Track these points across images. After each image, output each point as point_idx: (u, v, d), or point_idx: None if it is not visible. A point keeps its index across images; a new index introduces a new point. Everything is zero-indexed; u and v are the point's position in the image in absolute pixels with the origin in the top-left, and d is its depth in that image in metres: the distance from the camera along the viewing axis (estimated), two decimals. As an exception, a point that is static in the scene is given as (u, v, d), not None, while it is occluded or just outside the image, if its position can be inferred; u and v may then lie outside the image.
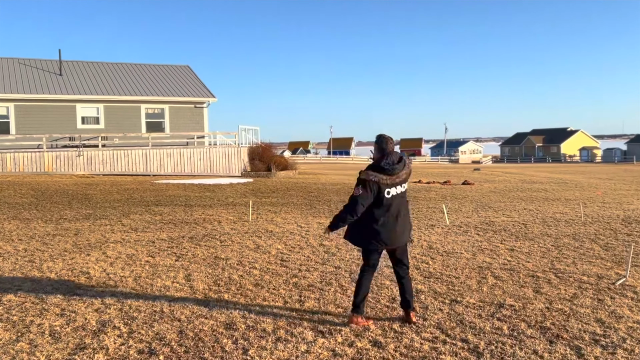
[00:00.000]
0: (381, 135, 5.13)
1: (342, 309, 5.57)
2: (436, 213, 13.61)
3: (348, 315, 5.23)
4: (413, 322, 5.16)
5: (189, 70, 32.65)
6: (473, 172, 38.72)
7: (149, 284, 6.41)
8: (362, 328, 5.00)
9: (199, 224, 11.31)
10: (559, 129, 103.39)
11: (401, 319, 5.25)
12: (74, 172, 23.56)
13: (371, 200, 4.92)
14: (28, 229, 10.34)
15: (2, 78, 26.03)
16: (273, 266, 7.44)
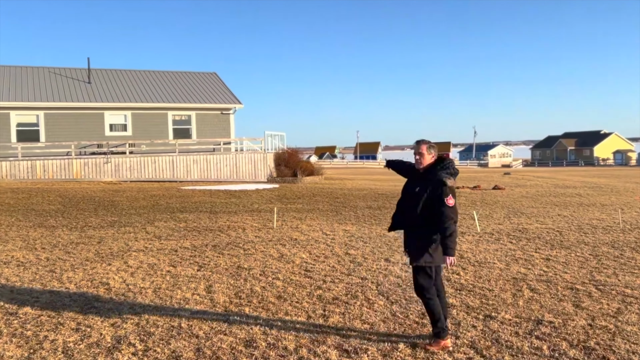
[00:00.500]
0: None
1: (368, 325, 5.26)
2: (466, 220, 13.18)
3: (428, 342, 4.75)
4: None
5: (215, 77, 32.75)
6: (503, 176, 37.89)
7: (169, 295, 6.21)
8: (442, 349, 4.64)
9: (223, 232, 11.13)
10: (592, 132, 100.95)
11: (431, 337, 4.92)
12: (101, 179, 23.75)
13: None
14: (52, 237, 10.30)
15: (33, 87, 26.46)
16: (297, 277, 7.18)
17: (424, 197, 4.54)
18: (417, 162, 4.72)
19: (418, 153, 4.70)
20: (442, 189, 4.50)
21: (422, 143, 4.73)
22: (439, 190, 4.51)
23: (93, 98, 26.45)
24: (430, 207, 4.52)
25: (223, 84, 31.65)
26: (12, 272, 7.24)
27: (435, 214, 4.50)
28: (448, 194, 4.52)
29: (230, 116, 29.03)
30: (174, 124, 27.94)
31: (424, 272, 4.67)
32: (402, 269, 7.68)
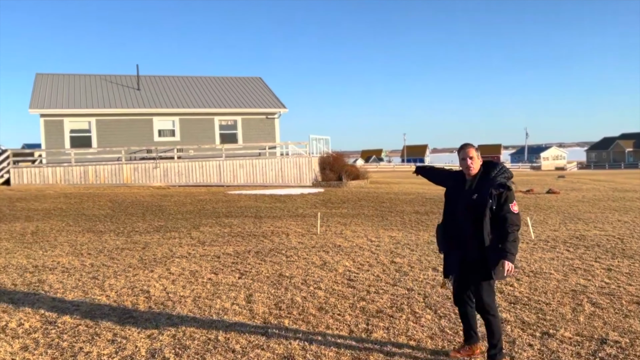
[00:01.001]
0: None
1: (414, 342, 4.94)
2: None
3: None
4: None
5: (260, 81, 32.93)
6: (557, 179, 36.49)
7: (208, 305, 6.06)
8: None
9: (266, 237, 10.99)
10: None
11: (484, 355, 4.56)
12: (151, 184, 24.18)
13: None
14: (99, 242, 10.40)
15: (85, 94, 27.27)
16: (339, 287, 6.91)
17: (489, 204, 4.16)
18: (468, 167, 4.34)
19: (468, 157, 4.33)
20: (507, 195, 4.20)
21: (470, 146, 4.39)
22: (503, 196, 4.19)
23: (142, 104, 27.02)
24: (494, 215, 4.18)
25: (268, 88, 31.79)
26: (56, 279, 7.28)
27: (498, 221, 4.17)
28: (513, 199, 4.24)
29: (275, 120, 29.09)
30: (221, 129, 28.22)
31: (490, 286, 4.32)
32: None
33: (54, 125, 25.21)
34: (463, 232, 4.29)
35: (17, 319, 5.48)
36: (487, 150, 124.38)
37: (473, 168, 4.33)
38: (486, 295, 4.30)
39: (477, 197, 4.22)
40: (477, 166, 4.35)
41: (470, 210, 4.23)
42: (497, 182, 4.19)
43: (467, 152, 4.36)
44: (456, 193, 4.45)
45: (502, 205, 4.17)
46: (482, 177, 4.32)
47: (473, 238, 4.22)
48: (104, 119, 26.08)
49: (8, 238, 10.74)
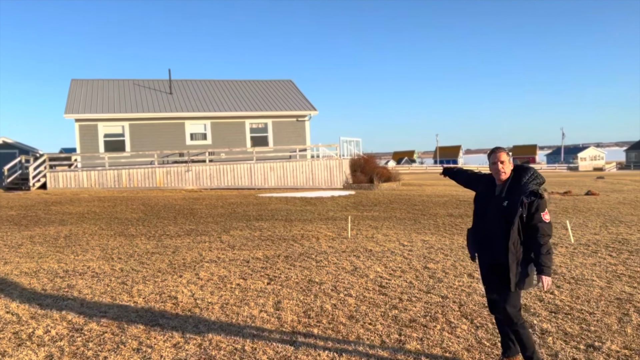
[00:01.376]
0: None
1: (450, 354, 4.69)
2: (558, 229, 12.13)
3: None
4: None
5: (291, 84, 32.92)
6: (596, 180, 35.42)
7: (236, 312, 5.93)
8: None
9: (296, 241, 10.84)
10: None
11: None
12: (183, 187, 24.36)
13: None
14: (130, 246, 10.42)
15: (119, 99, 27.69)
16: (370, 293, 6.69)
17: (519, 213, 3.98)
18: (499, 172, 4.15)
19: (499, 162, 4.14)
20: (538, 203, 3.99)
21: (501, 150, 4.20)
22: (534, 204, 3.99)
23: (174, 108, 27.28)
24: (525, 224, 4.01)
25: (298, 90, 31.74)
26: (86, 284, 7.26)
27: (529, 230, 3.99)
28: (544, 207, 4.03)
29: (306, 123, 29.00)
30: (252, 132, 28.29)
31: (515, 295, 4.12)
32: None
33: (88, 130, 25.66)
34: (491, 238, 4.14)
35: (44, 326, 5.44)
36: (522, 151, 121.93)
37: (504, 173, 4.14)
38: (510, 306, 4.10)
39: (508, 204, 4.04)
40: (508, 171, 4.16)
41: (500, 217, 4.07)
42: (529, 190, 3.99)
43: (498, 156, 4.17)
44: (486, 198, 4.27)
45: (534, 214, 3.98)
46: (513, 183, 4.12)
47: (500, 245, 4.06)
48: (137, 123, 26.43)
49: (42, 242, 10.86)
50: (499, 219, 4.06)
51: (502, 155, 4.16)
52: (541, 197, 3.98)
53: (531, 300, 6.29)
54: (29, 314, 5.85)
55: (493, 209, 4.14)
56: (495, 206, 4.12)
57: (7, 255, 9.45)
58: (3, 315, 5.80)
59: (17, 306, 6.15)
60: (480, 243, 4.27)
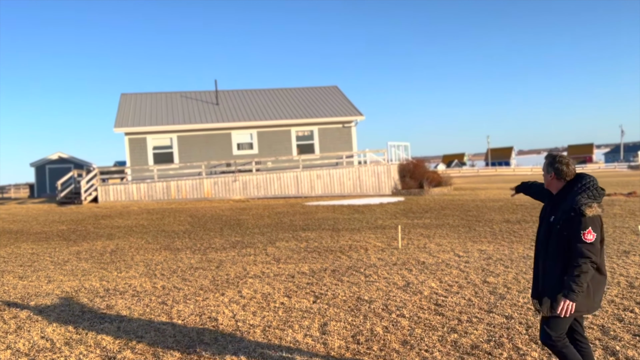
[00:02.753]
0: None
1: (521, 390, 4.07)
2: (627, 234, 11.16)
3: None
4: None
5: (337, 90, 32.52)
6: (663, 179, 33.32)
7: (278, 336, 5.47)
8: None
9: (344, 253, 10.34)
10: None
11: None
12: (230, 197, 24.30)
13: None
14: (174, 261, 10.18)
15: (167, 111, 28.00)
16: (425, 313, 6.11)
17: (559, 229, 3.56)
18: (545, 182, 3.87)
19: (543, 169, 3.83)
20: (579, 220, 3.46)
21: (547, 157, 3.83)
22: (575, 220, 3.48)
23: (221, 119, 27.34)
24: (567, 242, 3.55)
25: (344, 96, 31.29)
26: (125, 304, 6.99)
27: (569, 250, 3.53)
28: (588, 226, 3.46)
29: (352, 129, 28.51)
30: (297, 140, 28.02)
31: (556, 320, 3.65)
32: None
33: (137, 143, 26.02)
34: (546, 256, 3.70)
35: (77, 354, 5.14)
36: (577, 150, 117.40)
37: (548, 184, 3.82)
38: (550, 329, 3.67)
39: (553, 219, 3.66)
40: (552, 183, 3.79)
41: (546, 232, 3.71)
42: (572, 204, 3.52)
43: (544, 165, 3.84)
44: (542, 211, 3.87)
45: (574, 232, 3.48)
46: (564, 193, 3.69)
47: (543, 264, 3.71)
48: (185, 134, 26.62)
49: (87, 258, 10.78)
50: (544, 237, 3.72)
51: (545, 164, 3.83)
52: (583, 214, 3.45)
53: (609, 321, 5.57)
54: (64, 340, 5.58)
55: (543, 224, 3.78)
56: (546, 221, 3.75)
57: (52, 272, 9.36)
58: (37, 342, 5.55)
59: (52, 330, 5.90)
60: (535, 261, 3.86)
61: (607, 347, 4.85)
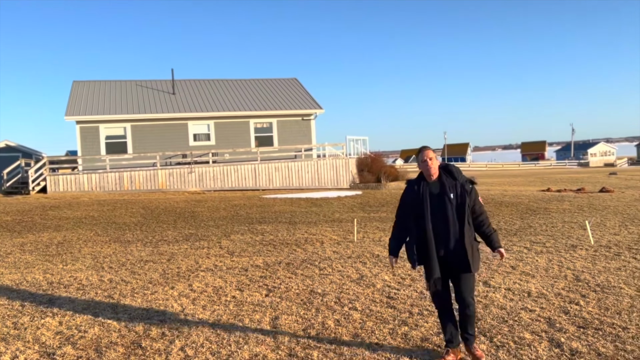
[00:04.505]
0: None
1: (468, 383, 4.09)
2: (575, 229, 11.49)
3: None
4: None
5: (296, 82, 32.33)
6: (609, 176, 34.60)
7: (227, 330, 5.35)
8: None
9: (299, 246, 10.27)
10: None
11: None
12: (186, 189, 23.85)
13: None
14: (124, 253, 9.89)
15: (121, 100, 27.22)
16: (378, 306, 6.10)
17: (467, 201, 4.32)
18: (430, 168, 4.36)
19: (429, 158, 4.37)
20: (473, 189, 4.40)
21: (428, 148, 4.44)
22: (472, 191, 4.39)
23: (177, 109, 26.77)
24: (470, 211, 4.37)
25: (303, 89, 31.14)
26: (69, 299, 6.72)
27: (474, 215, 4.40)
28: (477, 193, 4.46)
29: (311, 122, 28.41)
30: (256, 132, 27.72)
31: (474, 279, 4.48)
32: (505, 296, 6.38)
33: (89, 132, 25.20)
34: (445, 232, 4.30)
35: (12, 350, 4.89)
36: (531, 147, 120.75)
37: (434, 169, 4.38)
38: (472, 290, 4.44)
39: (455, 197, 4.33)
40: (436, 167, 4.40)
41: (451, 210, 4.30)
42: (465, 180, 4.40)
43: (426, 154, 4.38)
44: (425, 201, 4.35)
45: (475, 199, 4.42)
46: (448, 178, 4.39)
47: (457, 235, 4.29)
48: (139, 124, 25.93)
49: (32, 250, 10.35)
50: (451, 212, 4.27)
51: (429, 153, 4.37)
52: (474, 183, 4.41)
53: (555, 313, 5.68)
54: (0, 335, 5.30)
55: (439, 205, 4.30)
56: (442, 202, 4.29)
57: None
58: (-29, 337, 5.26)
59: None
60: (434, 243, 4.31)
61: (552, 339, 4.94)
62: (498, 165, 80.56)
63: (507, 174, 51.08)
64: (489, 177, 40.98)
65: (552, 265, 8.04)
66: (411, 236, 4.42)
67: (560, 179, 34.42)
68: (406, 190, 4.52)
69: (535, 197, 18.85)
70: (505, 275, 7.44)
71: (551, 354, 4.59)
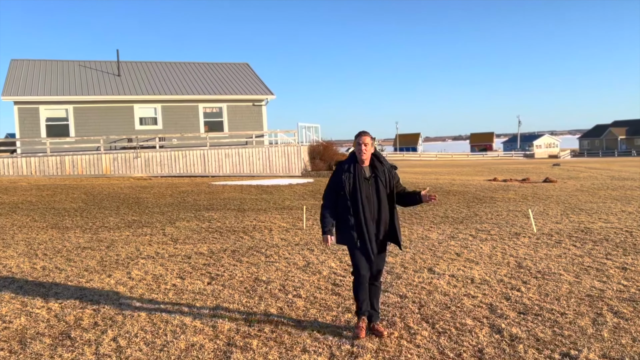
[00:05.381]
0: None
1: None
2: (519, 218, 11.74)
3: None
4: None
5: (247, 67, 31.81)
6: (552, 167, 35.79)
7: (165, 320, 5.12)
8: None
9: (247, 233, 10.07)
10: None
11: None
12: (131, 175, 23.13)
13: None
14: (61, 240, 9.43)
15: (62, 80, 26.05)
16: (322, 293, 6.00)
17: (393, 183, 4.69)
18: (363, 153, 4.61)
19: (364, 144, 4.61)
20: (396, 174, 4.80)
21: (367, 134, 4.66)
22: (396, 174, 4.81)
23: (122, 91, 25.86)
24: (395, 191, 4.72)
25: (255, 74, 30.68)
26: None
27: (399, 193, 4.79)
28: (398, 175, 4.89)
29: (263, 108, 28.04)
30: (205, 117, 27.13)
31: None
32: (449, 283, 6.40)
33: (28, 113, 24.02)
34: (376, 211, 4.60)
35: None
36: (479, 138, 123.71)
37: (366, 154, 4.62)
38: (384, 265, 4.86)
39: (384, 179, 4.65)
40: (369, 153, 4.65)
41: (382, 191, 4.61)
42: (390, 165, 4.77)
43: (364, 139, 4.61)
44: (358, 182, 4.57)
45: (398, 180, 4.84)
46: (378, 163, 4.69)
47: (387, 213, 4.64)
48: (82, 106, 24.90)
49: (-40, 236, 9.74)
50: (383, 195, 4.60)
51: (366, 138, 4.61)
52: (396, 167, 4.84)
53: (497, 299, 5.73)
54: None
55: (372, 189, 4.59)
56: (375, 186, 4.60)
57: None
58: None
59: None
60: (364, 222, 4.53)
61: (493, 325, 4.96)
62: (448, 156, 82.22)
63: (456, 164, 52.18)
64: (439, 167, 41.74)
65: (495, 252, 8.16)
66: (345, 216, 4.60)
67: (507, 169, 35.35)
68: (337, 171, 4.68)
69: (482, 187, 19.24)
70: (449, 262, 7.49)
71: (491, 339, 4.60)
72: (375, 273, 4.72)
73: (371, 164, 4.67)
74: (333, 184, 4.67)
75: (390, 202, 4.63)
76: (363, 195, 4.53)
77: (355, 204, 4.55)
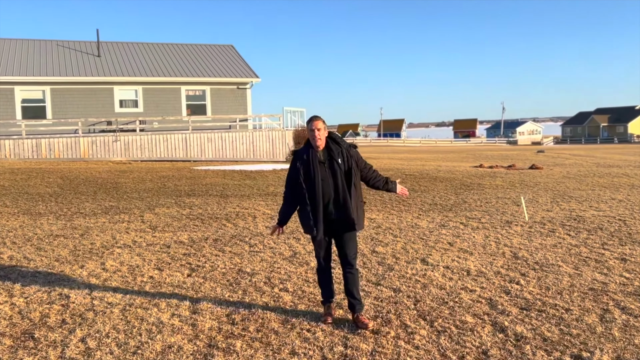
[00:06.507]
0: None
1: (409, 376, 3.67)
2: (509, 205, 11.46)
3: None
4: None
5: (232, 49, 31.08)
6: (537, 154, 35.76)
7: (139, 317, 4.70)
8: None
9: (230, 220, 9.63)
10: (626, 108, 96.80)
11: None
12: (110, 159, 22.47)
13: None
14: (32, 227, 8.91)
15: (39, 61, 25.13)
16: (310, 287, 5.61)
17: (354, 165, 4.49)
18: (317, 139, 4.44)
19: (317, 129, 4.43)
20: (356, 152, 4.60)
21: (318, 118, 4.49)
22: (357, 153, 4.60)
23: (102, 72, 25.05)
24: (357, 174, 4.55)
25: (240, 56, 29.98)
26: (-44, 279, 5.81)
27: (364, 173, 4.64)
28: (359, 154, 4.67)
29: (247, 91, 27.41)
30: (188, 100, 26.45)
31: (356, 241, 4.67)
32: (444, 275, 6.05)
33: (3, 94, 23.14)
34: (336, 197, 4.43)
35: None
36: (463, 125, 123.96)
37: (320, 139, 4.46)
38: (356, 251, 4.68)
39: (343, 162, 4.47)
40: (324, 138, 4.49)
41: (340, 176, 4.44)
42: (346, 146, 4.56)
43: (315, 124, 4.43)
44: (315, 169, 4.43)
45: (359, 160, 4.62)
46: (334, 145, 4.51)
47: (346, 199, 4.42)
48: (60, 87, 24.05)
49: None
50: (340, 178, 4.41)
51: (318, 124, 4.43)
52: (355, 147, 4.64)
53: (496, 294, 5.39)
54: None
55: (329, 172, 4.43)
56: (331, 169, 4.43)
57: None
58: None
59: None
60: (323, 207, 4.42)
61: (495, 322, 4.62)
62: (431, 142, 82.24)
63: (441, 150, 52.05)
64: (423, 153, 41.53)
65: (489, 241, 7.85)
66: (303, 204, 4.48)
67: (492, 155, 35.25)
68: (294, 160, 4.57)
69: (468, 173, 18.98)
70: (443, 252, 7.15)
71: (495, 339, 4.26)
72: (347, 259, 4.56)
73: (327, 147, 4.51)
74: (290, 173, 4.57)
75: (349, 184, 4.45)
76: (318, 180, 4.41)
77: (311, 189, 4.43)
